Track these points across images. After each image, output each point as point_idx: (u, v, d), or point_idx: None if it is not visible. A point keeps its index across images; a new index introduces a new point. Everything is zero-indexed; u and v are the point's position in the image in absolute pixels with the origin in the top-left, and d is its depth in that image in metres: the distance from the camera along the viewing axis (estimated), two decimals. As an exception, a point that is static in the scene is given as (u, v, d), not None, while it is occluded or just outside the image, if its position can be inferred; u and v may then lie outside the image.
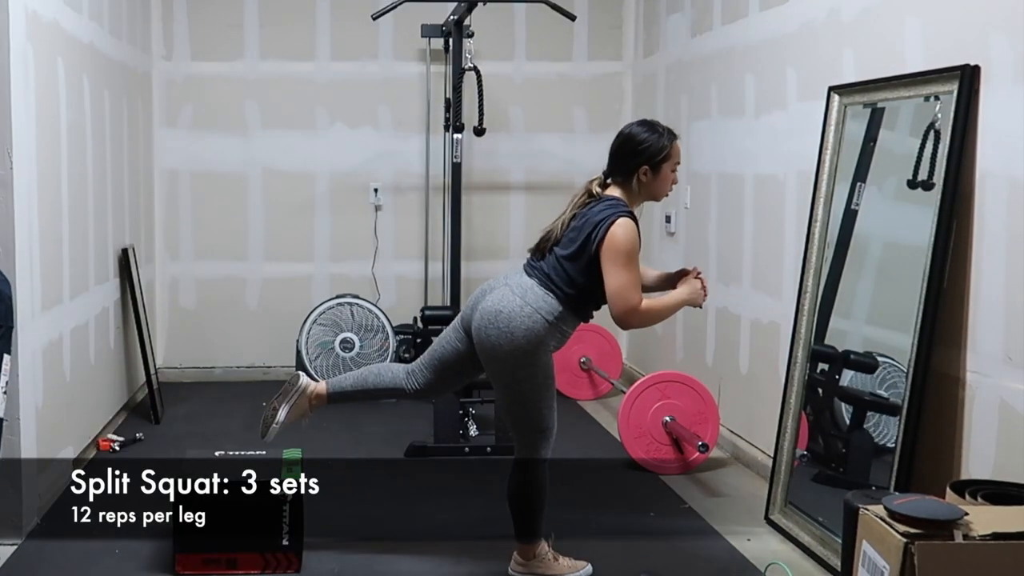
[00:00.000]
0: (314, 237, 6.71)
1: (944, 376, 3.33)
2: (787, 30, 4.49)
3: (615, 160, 3.35)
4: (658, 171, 3.31)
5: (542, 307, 3.28)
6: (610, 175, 3.37)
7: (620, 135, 3.37)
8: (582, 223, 3.29)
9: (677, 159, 3.35)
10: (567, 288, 3.29)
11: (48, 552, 3.71)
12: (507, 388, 3.37)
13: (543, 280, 3.32)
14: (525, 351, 3.27)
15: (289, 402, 3.55)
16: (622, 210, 3.25)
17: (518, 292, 3.30)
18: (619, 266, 3.20)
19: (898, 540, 2.33)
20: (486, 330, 3.30)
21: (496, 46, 6.63)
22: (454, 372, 3.52)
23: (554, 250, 3.34)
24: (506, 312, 3.27)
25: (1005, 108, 3.12)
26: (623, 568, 3.60)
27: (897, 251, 3.70)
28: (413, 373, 3.56)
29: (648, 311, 3.28)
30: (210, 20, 6.53)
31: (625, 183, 3.33)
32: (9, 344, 3.64)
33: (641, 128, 3.34)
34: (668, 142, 3.31)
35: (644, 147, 3.29)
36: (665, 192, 3.38)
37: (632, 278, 3.22)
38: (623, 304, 3.22)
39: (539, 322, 3.27)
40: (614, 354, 6.51)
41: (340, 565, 3.60)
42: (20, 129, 3.80)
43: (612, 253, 3.21)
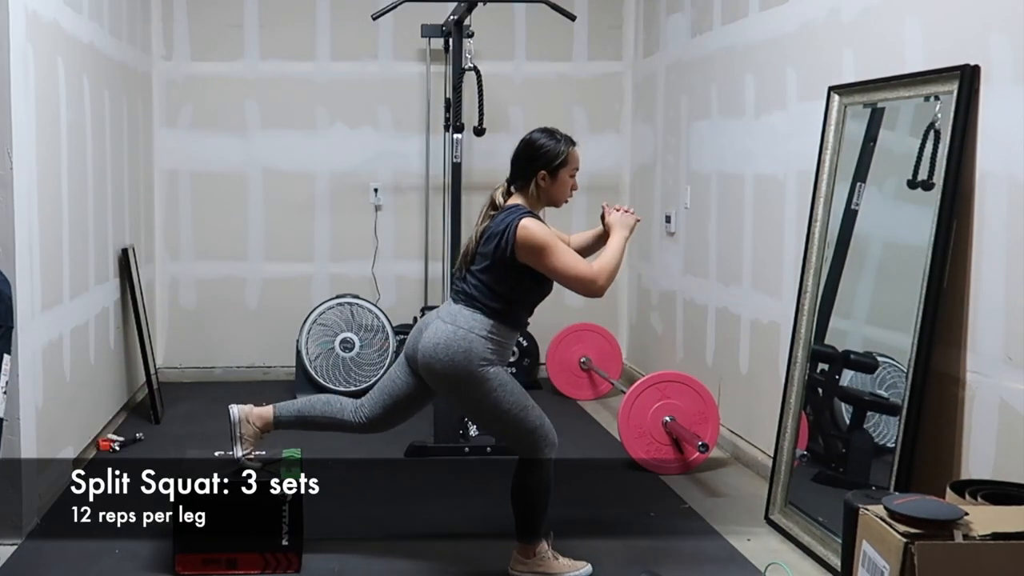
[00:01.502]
0: (314, 237, 6.71)
1: (944, 376, 3.33)
2: (787, 30, 4.49)
3: (516, 166, 3.45)
4: (555, 176, 3.40)
5: (473, 326, 3.35)
6: (512, 181, 3.46)
7: (521, 142, 3.46)
8: (490, 235, 3.38)
9: (575, 165, 3.44)
10: (491, 302, 3.37)
11: (48, 552, 3.71)
12: (476, 411, 3.44)
13: (468, 301, 3.40)
14: (470, 372, 3.33)
15: (234, 439, 3.61)
16: (522, 212, 3.35)
17: (448, 320, 3.39)
18: (549, 256, 3.29)
19: (898, 540, 2.33)
20: (431, 366, 3.37)
21: (496, 46, 6.63)
22: (402, 407, 3.58)
23: (471, 269, 3.43)
24: (443, 343, 3.35)
25: (1005, 108, 3.12)
26: (623, 568, 3.60)
27: (897, 251, 3.70)
28: (360, 407, 3.61)
29: (604, 271, 3.37)
30: (210, 20, 6.53)
31: (525, 188, 3.42)
32: (9, 344, 3.64)
33: (540, 134, 3.43)
34: (565, 148, 3.41)
35: (542, 152, 3.39)
36: (564, 198, 3.46)
37: (569, 259, 3.32)
38: (582, 284, 3.34)
39: (474, 340, 3.33)
40: (614, 354, 6.51)
41: (340, 565, 3.60)
42: (20, 129, 3.80)
43: (534, 250, 3.29)
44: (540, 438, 3.42)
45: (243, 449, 3.59)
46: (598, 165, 6.80)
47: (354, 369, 6.16)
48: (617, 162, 6.83)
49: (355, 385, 6.12)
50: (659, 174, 6.19)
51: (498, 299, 3.37)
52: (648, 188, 6.39)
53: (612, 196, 6.82)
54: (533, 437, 3.40)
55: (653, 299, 6.30)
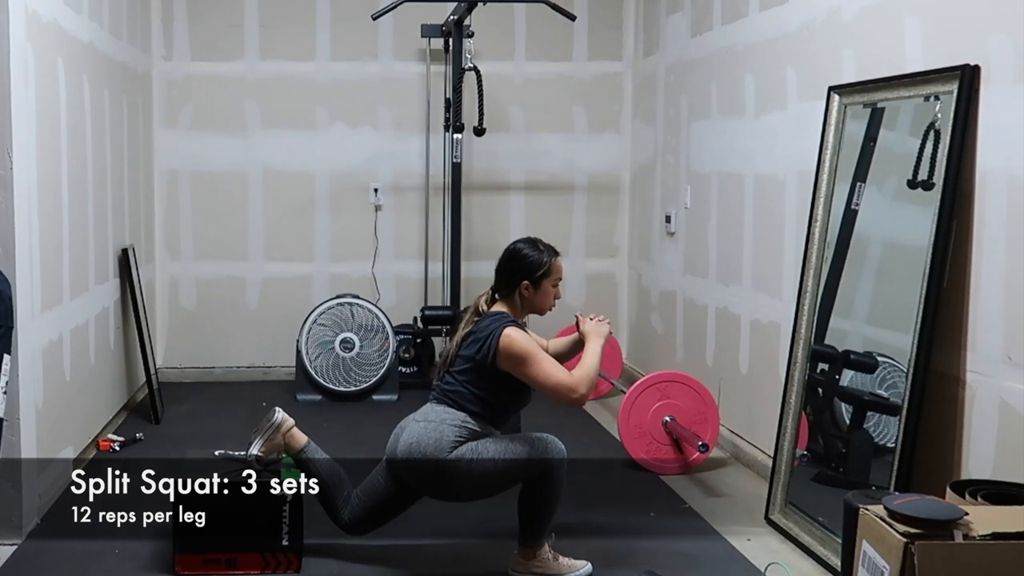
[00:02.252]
0: (314, 237, 6.71)
1: (944, 376, 3.33)
2: (787, 30, 4.49)
3: (499, 276, 3.54)
4: (538, 286, 3.50)
5: (445, 419, 3.42)
6: (496, 290, 3.54)
7: (505, 252, 3.55)
8: (472, 340, 3.43)
9: (558, 275, 3.53)
10: (468, 404, 3.44)
11: (48, 552, 3.71)
12: (474, 490, 3.47)
13: (442, 399, 3.47)
14: (443, 461, 3.38)
15: (263, 436, 3.64)
16: (506, 321, 3.42)
17: (421, 419, 3.47)
18: (530, 366, 3.36)
19: (898, 540, 2.33)
20: (409, 467, 3.44)
21: (496, 46, 6.63)
22: (383, 511, 3.62)
23: (451, 371, 3.48)
24: (415, 441, 3.42)
25: (1005, 108, 3.12)
26: (623, 568, 3.60)
27: (897, 251, 3.70)
28: (349, 503, 3.63)
29: (583, 379, 3.40)
30: (210, 20, 6.53)
31: (509, 297, 3.51)
32: (9, 344, 3.64)
33: (524, 245, 3.53)
34: (548, 259, 3.50)
35: (526, 263, 3.48)
36: (547, 306, 3.55)
37: (550, 368, 3.37)
38: (562, 393, 3.37)
39: (445, 430, 3.40)
40: (614, 354, 6.50)
41: (340, 565, 3.60)
42: (20, 129, 3.80)
43: (516, 359, 3.36)
44: (540, 459, 3.43)
45: (258, 450, 3.62)
46: (598, 165, 6.81)
47: (354, 369, 6.16)
48: (617, 162, 6.83)
49: (355, 385, 6.12)
50: (659, 174, 6.19)
51: (475, 402, 3.44)
52: (648, 188, 6.39)
53: (612, 196, 6.84)
54: (533, 463, 3.42)
55: (653, 299, 6.30)
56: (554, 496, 3.45)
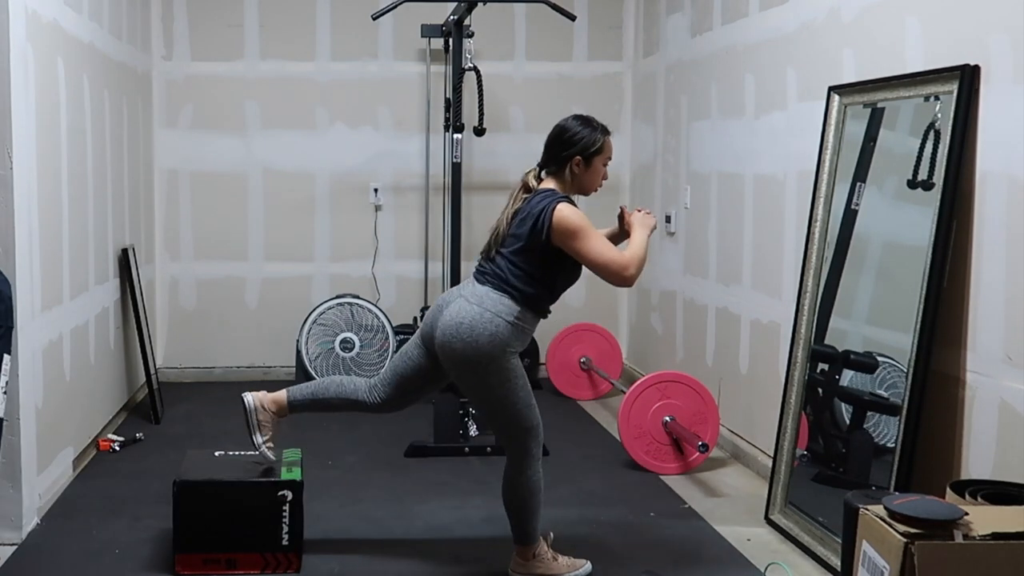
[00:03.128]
0: (314, 237, 6.71)
1: (944, 376, 3.33)
2: (787, 30, 4.49)
3: (550, 150, 3.44)
4: (590, 163, 3.42)
5: (501, 310, 3.31)
6: (544, 166, 3.46)
7: (556, 127, 3.46)
8: (523, 217, 3.35)
9: (609, 154, 3.47)
10: (523, 286, 3.34)
11: (48, 552, 3.71)
12: (484, 397, 3.41)
13: (496, 283, 3.36)
14: (492, 356, 3.30)
15: (253, 427, 3.59)
16: (558, 197, 3.34)
17: (474, 301, 3.34)
18: (584, 241, 3.28)
19: (898, 540, 2.33)
20: (451, 344, 3.33)
21: (496, 46, 6.63)
22: (415, 387, 3.56)
23: (501, 251, 3.39)
24: (467, 323, 3.30)
25: (1005, 108, 3.12)
26: (623, 568, 3.60)
27: (897, 251, 3.70)
28: (374, 387, 3.59)
29: (635, 259, 3.34)
30: (210, 20, 6.53)
31: (559, 173, 3.42)
32: (9, 344, 3.64)
33: (576, 122, 3.44)
34: (602, 136, 3.43)
35: (578, 139, 3.39)
36: (595, 186, 3.48)
37: (603, 245, 3.31)
38: (614, 271, 3.30)
39: (501, 325, 3.30)
40: (614, 354, 6.51)
41: (340, 565, 3.60)
42: (20, 129, 3.80)
43: (569, 234, 3.28)
44: (534, 436, 3.41)
45: (262, 436, 3.58)
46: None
47: (354, 369, 6.16)
48: (617, 162, 6.76)
49: (355, 385, 6.11)
50: (659, 174, 6.19)
51: (528, 282, 3.34)
52: (648, 188, 6.39)
53: (612, 196, 6.82)
54: (528, 434, 3.39)
55: (653, 299, 6.30)
56: (535, 489, 3.41)
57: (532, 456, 3.41)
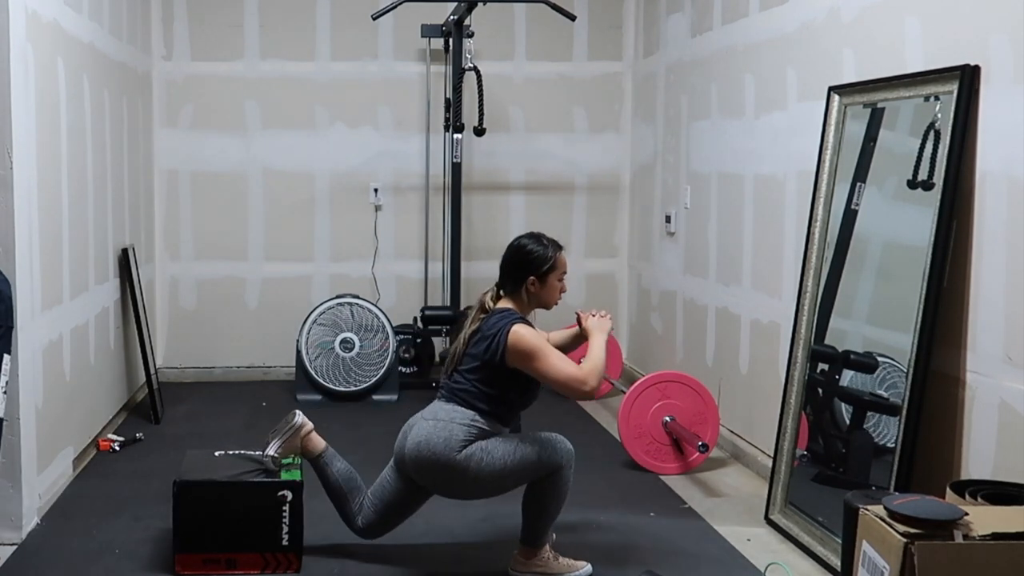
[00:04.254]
0: (314, 237, 6.71)
1: (944, 376, 3.33)
2: (787, 30, 4.49)
3: (505, 272, 3.53)
4: (545, 281, 3.49)
5: (454, 417, 3.40)
6: (502, 287, 3.54)
7: (509, 248, 3.55)
8: (479, 339, 3.43)
9: (563, 269, 3.53)
10: (476, 401, 3.42)
11: (48, 552, 3.71)
12: (482, 490, 3.45)
13: (451, 398, 3.46)
14: (452, 460, 3.35)
15: (281, 437, 3.64)
16: (514, 318, 3.42)
17: (429, 417, 3.44)
18: (540, 360, 3.35)
19: (898, 540, 2.33)
20: (419, 465, 3.41)
21: (496, 46, 6.63)
22: (396, 511, 3.61)
23: (459, 369, 3.47)
24: (423, 439, 3.39)
25: (1005, 108, 3.12)
26: (623, 568, 3.60)
27: (897, 251, 3.70)
28: (363, 509, 3.63)
29: (593, 372, 3.41)
30: (210, 20, 6.53)
31: (516, 293, 3.51)
32: (9, 344, 3.64)
33: (528, 240, 3.52)
34: (553, 253, 3.50)
35: (531, 259, 3.48)
36: (554, 301, 3.55)
37: (560, 363, 3.37)
38: (572, 386, 3.37)
39: (454, 429, 3.37)
40: (614, 354, 6.50)
41: (340, 565, 3.60)
42: (20, 129, 3.80)
43: (525, 355, 3.35)
44: (549, 459, 3.41)
45: (275, 451, 3.61)
46: (598, 165, 6.81)
47: (354, 369, 6.16)
48: (617, 162, 6.84)
49: (355, 385, 6.12)
50: (659, 174, 6.19)
51: (484, 400, 3.42)
52: (648, 188, 6.39)
53: (612, 196, 6.84)
54: (542, 463, 3.41)
55: (653, 299, 6.30)
56: (560, 496, 3.45)
57: (563, 467, 3.43)
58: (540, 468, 3.40)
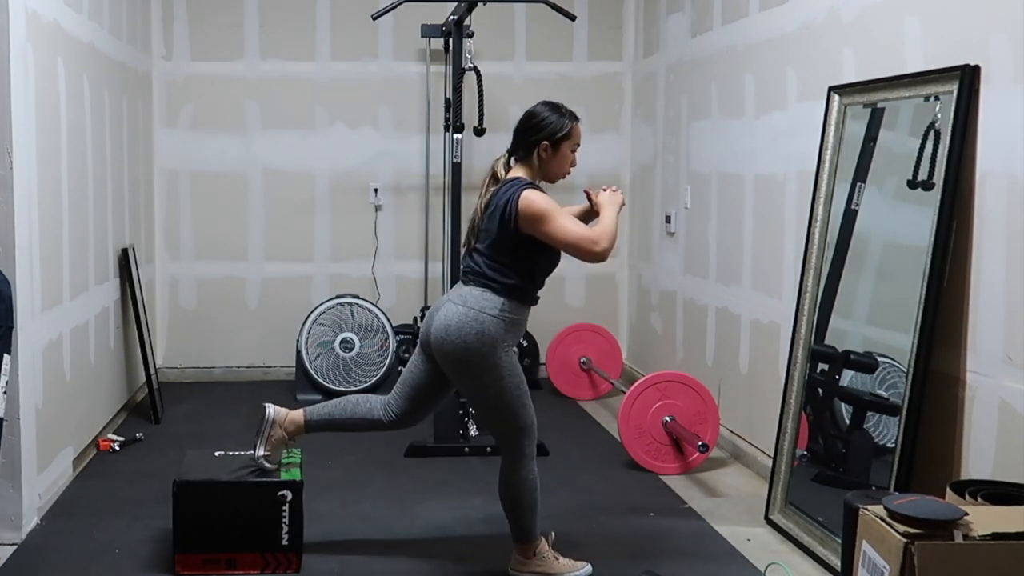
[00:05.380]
0: (314, 237, 6.71)
1: (944, 376, 3.33)
2: (787, 30, 4.49)
3: (518, 136, 3.48)
4: (557, 149, 3.44)
5: (485, 306, 3.34)
6: (513, 152, 3.49)
7: (525, 113, 3.49)
8: (492, 210, 3.39)
9: (577, 140, 3.47)
10: (502, 278, 3.36)
11: (48, 552, 3.71)
12: (479, 396, 3.43)
13: (477, 280, 3.39)
14: (483, 355, 3.32)
15: (262, 436, 3.58)
16: (523, 184, 3.37)
17: (459, 302, 3.38)
18: (551, 223, 3.31)
19: (898, 540, 2.33)
20: (443, 348, 3.36)
21: (496, 46, 6.63)
22: (426, 396, 3.57)
23: (477, 247, 3.43)
24: (455, 324, 3.34)
25: (1005, 108, 3.12)
26: (623, 568, 3.60)
27: (897, 251, 3.70)
28: (388, 404, 3.59)
29: (605, 234, 3.35)
30: (210, 20, 6.53)
31: (527, 159, 3.46)
32: (9, 344, 3.64)
33: (544, 107, 3.47)
34: (569, 122, 3.44)
35: (545, 124, 3.42)
36: (563, 172, 3.50)
37: (571, 223, 3.33)
38: (584, 247, 3.31)
39: (487, 322, 3.32)
40: (614, 354, 6.51)
41: (340, 565, 3.60)
42: (20, 129, 3.80)
43: (537, 218, 3.31)
44: (528, 436, 3.42)
45: (264, 450, 3.58)
46: (598, 165, 6.81)
47: (354, 369, 6.16)
48: (617, 162, 6.84)
49: (355, 385, 6.12)
50: (659, 174, 6.19)
51: (508, 273, 3.36)
52: (648, 188, 6.39)
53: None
54: (522, 434, 3.41)
55: (653, 299, 6.30)
56: (529, 484, 3.42)
57: (526, 455, 3.42)
58: (518, 432, 3.38)
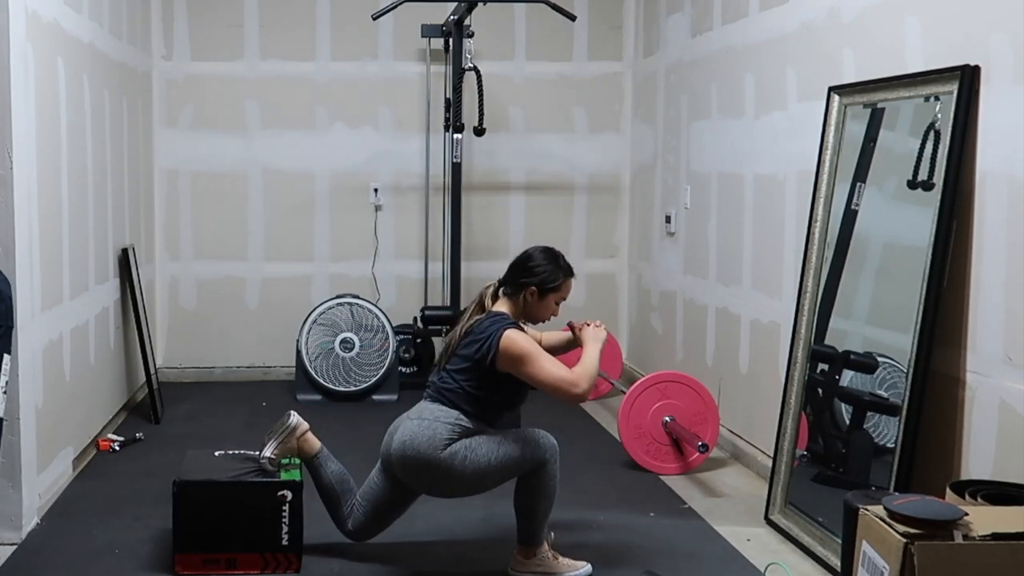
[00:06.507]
0: (314, 237, 6.71)
1: (944, 376, 3.33)
2: (787, 30, 4.49)
3: (511, 272, 3.57)
4: (543, 297, 3.53)
5: (439, 416, 3.41)
6: (504, 285, 3.57)
7: (524, 252, 3.59)
8: (471, 340, 3.44)
9: (564, 294, 3.57)
10: (461, 403, 3.43)
11: (48, 552, 3.71)
12: (467, 486, 3.47)
13: (435, 396, 3.48)
14: (437, 458, 3.36)
15: (277, 438, 3.63)
16: (507, 323, 3.43)
17: (414, 416, 3.46)
18: (532, 364, 3.36)
19: (898, 540, 2.33)
20: (404, 464, 3.42)
21: (496, 46, 6.63)
22: (384, 512, 3.62)
23: (447, 368, 3.49)
24: (408, 438, 3.40)
25: (1005, 108, 3.12)
26: (623, 568, 3.60)
27: (897, 251, 3.70)
28: (352, 512, 3.63)
29: (584, 375, 3.42)
30: (210, 20, 6.53)
31: (514, 297, 3.54)
32: (9, 344, 3.64)
33: (543, 255, 3.56)
34: (563, 276, 3.53)
35: (539, 271, 3.51)
36: (543, 319, 3.59)
37: (551, 366, 3.38)
38: (566, 390, 3.38)
39: (438, 428, 3.38)
40: (614, 354, 6.50)
41: (340, 565, 3.60)
42: (20, 129, 3.80)
43: (517, 359, 3.36)
44: (532, 455, 3.43)
45: (273, 453, 3.61)
46: (598, 165, 6.81)
47: (354, 369, 6.16)
48: (617, 162, 6.83)
49: (355, 385, 6.12)
50: (659, 174, 6.19)
51: (470, 401, 3.44)
52: (648, 188, 6.39)
53: (612, 196, 6.84)
54: (526, 460, 3.43)
55: (653, 299, 6.30)
56: (548, 491, 3.46)
57: (547, 463, 3.45)
58: (524, 464, 3.41)
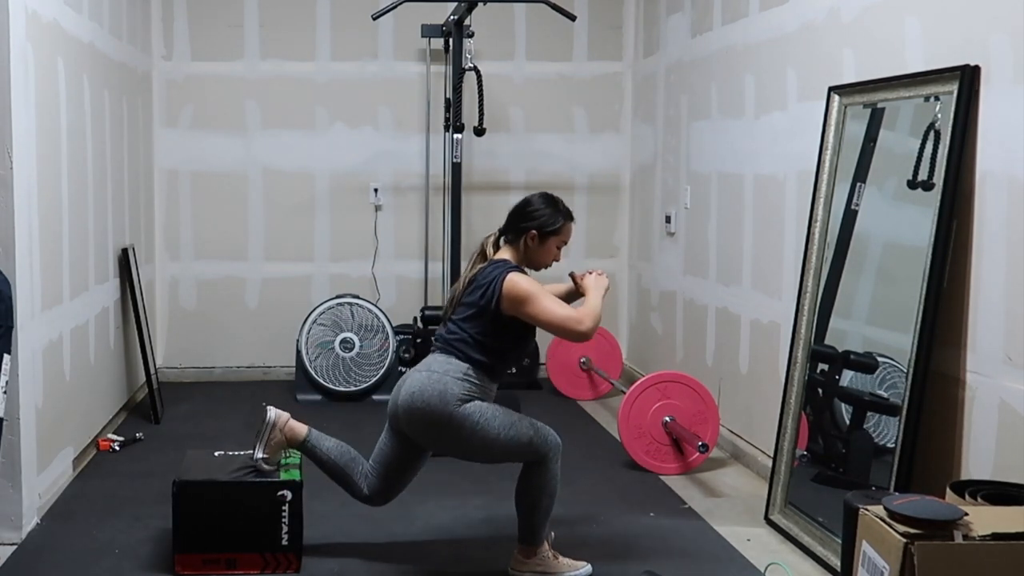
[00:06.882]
0: (314, 237, 6.71)
1: (944, 376, 3.33)
2: (787, 30, 4.49)
3: (510, 219, 3.58)
4: (544, 241, 3.52)
5: (448, 370, 3.40)
6: (504, 233, 3.58)
7: (523, 199, 3.60)
8: (475, 287, 3.45)
9: (565, 238, 3.57)
10: (469, 350, 3.42)
11: (48, 552, 3.71)
12: (468, 450, 3.46)
13: (444, 348, 3.47)
14: (449, 414, 3.35)
15: (262, 438, 3.60)
16: (509, 267, 3.44)
17: (423, 369, 3.45)
18: (535, 303, 3.36)
19: (898, 540, 2.33)
20: (411, 416, 3.41)
21: (496, 46, 6.63)
22: (397, 472, 3.60)
23: (453, 318, 3.50)
24: (417, 391, 3.39)
25: (1005, 108, 3.12)
26: (623, 568, 3.60)
27: (897, 251, 3.70)
28: (367, 476, 3.62)
29: (589, 314, 3.41)
30: (210, 20, 6.53)
31: (514, 243, 3.55)
32: (9, 344, 3.64)
33: (541, 199, 3.57)
34: (562, 220, 3.53)
35: (538, 215, 3.52)
36: (545, 264, 3.58)
37: (555, 305, 3.37)
38: (571, 327, 3.37)
39: (449, 383, 3.37)
40: (614, 354, 6.51)
41: (340, 565, 3.60)
42: (20, 129, 3.80)
43: (520, 300, 3.36)
44: (539, 446, 3.43)
45: (263, 452, 3.59)
46: (598, 165, 6.81)
47: (354, 369, 6.16)
48: (617, 162, 6.83)
49: (355, 385, 6.12)
50: (659, 174, 6.19)
51: (477, 349, 3.42)
52: (648, 188, 6.39)
53: (612, 196, 6.84)
54: (532, 448, 3.42)
55: (653, 299, 6.30)
56: (550, 489, 3.46)
57: (550, 458, 3.45)
58: (529, 451, 3.41)
